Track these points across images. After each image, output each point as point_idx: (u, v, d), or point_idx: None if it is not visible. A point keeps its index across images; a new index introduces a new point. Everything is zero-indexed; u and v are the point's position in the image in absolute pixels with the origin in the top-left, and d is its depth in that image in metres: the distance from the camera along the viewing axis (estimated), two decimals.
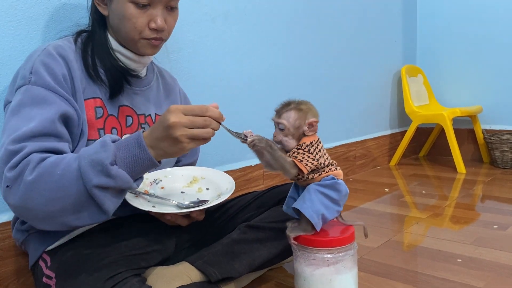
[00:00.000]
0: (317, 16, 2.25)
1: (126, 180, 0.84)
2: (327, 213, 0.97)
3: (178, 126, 0.83)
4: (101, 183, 0.81)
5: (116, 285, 0.85)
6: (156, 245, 1.05)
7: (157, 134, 0.86)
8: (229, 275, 1.04)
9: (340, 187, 0.98)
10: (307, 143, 0.98)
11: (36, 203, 0.81)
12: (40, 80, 0.92)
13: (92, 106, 1.01)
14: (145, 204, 1.01)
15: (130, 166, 0.84)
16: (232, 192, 1.05)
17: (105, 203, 0.83)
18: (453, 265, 1.25)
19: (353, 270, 0.99)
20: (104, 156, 0.81)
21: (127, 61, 1.08)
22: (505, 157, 2.57)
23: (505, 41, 2.73)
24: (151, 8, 1.01)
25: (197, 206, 1.02)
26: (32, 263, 1.02)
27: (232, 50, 1.81)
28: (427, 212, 1.79)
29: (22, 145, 0.84)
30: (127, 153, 0.84)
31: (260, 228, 1.11)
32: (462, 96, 2.93)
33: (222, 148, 1.79)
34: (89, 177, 0.81)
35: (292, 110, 0.98)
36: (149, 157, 0.85)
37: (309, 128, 0.98)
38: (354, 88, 2.55)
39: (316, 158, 0.97)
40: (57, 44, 1.00)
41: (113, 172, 0.81)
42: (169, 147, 0.86)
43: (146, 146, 0.85)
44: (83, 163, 0.81)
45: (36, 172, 0.81)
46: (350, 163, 2.54)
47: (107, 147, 0.83)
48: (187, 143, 0.85)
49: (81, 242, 0.99)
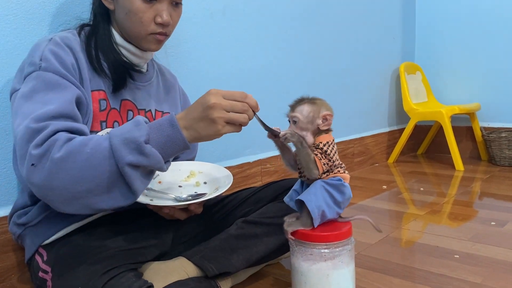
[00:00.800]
0: (316, 13, 2.24)
1: (158, 159, 0.83)
2: (328, 211, 0.97)
3: (217, 107, 0.84)
4: (135, 161, 0.80)
5: (112, 279, 0.84)
6: (153, 240, 1.05)
7: (194, 114, 0.86)
8: (226, 270, 1.04)
9: (345, 190, 0.98)
10: (323, 142, 0.97)
11: (63, 182, 0.79)
12: (51, 66, 0.91)
13: (96, 98, 1.01)
14: (143, 197, 1.01)
15: (163, 146, 0.84)
16: (230, 185, 1.05)
17: (135, 183, 0.82)
18: (451, 261, 1.25)
19: (350, 265, 0.99)
20: (138, 135, 0.81)
21: (131, 56, 1.08)
22: (503, 155, 2.57)
23: (503, 39, 2.73)
24: (157, 3, 1.01)
25: (195, 199, 1.01)
26: (28, 258, 1.02)
27: (230, 45, 1.80)
28: (425, 209, 1.79)
29: (46, 123, 0.82)
30: (161, 133, 0.84)
31: (257, 224, 1.11)
32: (460, 93, 2.94)
33: (220, 145, 1.78)
34: (122, 155, 0.79)
35: (305, 103, 0.98)
36: (182, 138, 0.84)
37: (323, 122, 0.97)
38: (352, 85, 2.55)
39: (332, 160, 0.97)
40: (63, 35, 1.00)
41: (147, 150, 0.81)
42: (205, 129, 0.85)
43: (179, 127, 0.85)
44: (115, 141, 0.80)
45: (64, 150, 0.79)
46: (349, 160, 2.53)
47: (140, 126, 0.82)
48: (223, 126, 0.85)
49: (78, 236, 0.98)
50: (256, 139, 1.91)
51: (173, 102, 1.24)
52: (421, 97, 2.89)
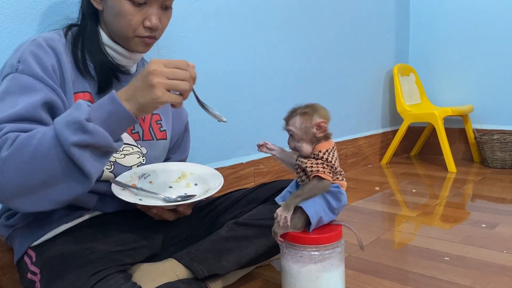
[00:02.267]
0: (310, 14, 2.25)
1: (104, 136, 0.80)
2: (324, 217, 0.98)
3: (157, 73, 0.82)
4: (79, 140, 0.77)
5: (100, 281, 0.84)
6: (143, 241, 1.04)
7: (134, 84, 0.84)
8: (216, 272, 1.03)
9: (341, 197, 0.99)
10: (323, 151, 0.97)
11: (16, 179, 0.78)
12: (28, 69, 0.90)
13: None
14: (132, 197, 1.00)
15: (106, 122, 0.81)
16: (220, 187, 1.05)
17: (85, 164, 0.79)
18: (441, 263, 1.26)
19: (340, 267, 0.99)
20: (78, 114, 0.78)
21: (118, 57, 1.07)
22: (495, 157, 2.58)
23: (497, 42, 2.74)
24: (147, 7, 1.00)
25: (184, 200, 1.01)
26: (17, 259, 1.01)
27: (224, 46, 1.80)
28: (417, 210, 1.80)
29: (2, 126, 0.82)
30: (101, 110, 0.82)
31: (248, 225, 1.11)
32: (453, 95, 2.95)
33: (212, 145, 1.78)
34: (65, 138, 0.77)
35: (297, 115, 0.99)
36: (124, 109, 0.81)
37: (318, 130, 0.97)
38: (346, 86, 2.55)
39: (335, 167, 0.98)
40: (47, 36, 0.99)
41: (89, 127, 0.78)
42: (144, 96, 0.82)
43: (120, 100, 0.82)
44: (58, 127, 0.78)
45: (12, 147, 0.78)
46: (342, 161, 2.54)
47: (80, 107, 0.80)
48: (162, 93, 0.82)
49: (67, 238, 0.98)
50: (249, 139, 1.91)
51: None
52: (414, 98, 2.90)
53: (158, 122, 1.18)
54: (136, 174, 1.09)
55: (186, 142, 1.33)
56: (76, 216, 1.02)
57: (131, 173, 1.08)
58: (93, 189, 1.02)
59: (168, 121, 1.23)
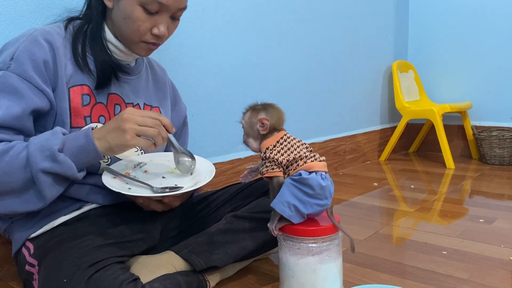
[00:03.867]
0: (309, 9, 2.24)
1: (71, 167, 0.88)
2: (302, 206, 0.95)
3: (130, 120, 0.90)
4: (47, 167, 0.85)
5: (98, 271, 0.84)
6: (141, 234, 1.04)
7: (108, 126, 0.92)
8: (214, 264, 1.04)
9: (309, 181, 0.94)
10: (263, 150, 0.99)
11: None
12: (19, 68, 0.91)
13: (78, 93, 1.00)
14: (123, 185, 1.00)
15: (76, 155, 0.89)
16: (211, 179, 1.05)
17: (45, 189, 0.87)
18: (438, 257, 1.26)
19: (338, 260, 1.00)
20: (53, 143, 0.87)
21: (119, 53, 1.08)
22: (493, 153, 2.59)
23: (495, 38, 2.75)
24: (157, 15, 1.01)
25: (172, 191, 1.01)
26: (15, 251, 1.01)
27: (222, 41, 1.80)
28: (415, 206, 1.80)
29: None
30: (74, 143, 0.90)
31: (246, 218, 1.11)
32: (452, 92, 2.95)
33: (211, 140, 1.78)
34: (36, 161, 0.85)
35: (248, 111, 1.04)
36: (94, 147, 0.90)
37: (260, 127, 1.00)
38: (345, 82, 2.55)
39: (279, 161, 0.97)
40: (45, 30, 0.98)
41: (59, 158, 0.86)
42: (115, 138, 0.91)
43: (93, 138, 0.90)
44: (32, 149, 0.86)
45: None
46: (340, 158, 2.54)
47: (57, 135, 0.89)
48: (132, 137, 0.90)
49: (65, 229, 0.98)
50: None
51: (163, 96, 1.24)
52: (413, 95, 2.90)
53: None
54: (132, 163, 1.10)
55: (185, 136, 1.33)
56: (74, 208, 1.02)
57: (127, 161, 1.09)
58: (91, 182, 1.02)
59: (167, 115, 1.23)
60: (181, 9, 1.05)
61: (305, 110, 2.27)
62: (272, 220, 0.99)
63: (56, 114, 0.97)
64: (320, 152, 2.36)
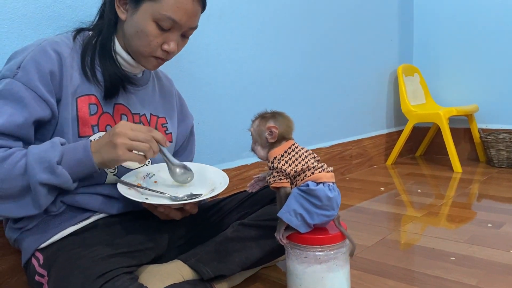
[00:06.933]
0: (314, 15, 2.25)
1: (67, 179, 0.91)
2: (309, 217, 0.94)
3: (122, 134, 0.91)
4: (45, 179, 0.87)
5: (107, 282, 0.84)
6: (149, 243, 1.05)
7: (102, 140, 0.94)
8: (222, 273, 1.04)
9: (316, 192, 0.94)
10: (271, 159, 0.99)
11: None
12: (25, 77, 0.93)
13: (86, 103, 1.02)
14: (138, 196, 1.01)
15: (73, 167, 0.91)
16: (226, 186, 1.06)
17: (41, 199, 0.89)
18: (447, 263, 1.26)
19: (345, 267, 1.00)
20: (52, 155, 0.88)
21: (126, 65, 1.09)
22: (501, 156, 2.57)
23: (501, 41, 2.74)
24: (169, 32, 1.03)
25: (191, 199, 1.02)
26: (25, 261, 1.02)
27: (226, 48, 1.81)
28: (422, 211, 1.79)
29: None
30: (73, 155, 0.91)
31: (253, 226, 1.11)
32: (458, 95, 2.94)
33: (217, 147, 1.79)
34: (34, 172, 0.87)
35: (257, 119, 1.04)
36: (91, 160, 0.92)
37: (269, 135, 1.00)
38: (350, 87, 2.55)
39: (287, 172, 0.97)
40: (53, 40, 1.00)
41: (58, 170, 0.88)
42: (107, 153, 0.92)
43: (91, 152, 0.92)
44: (31, 159, 0.87)
45: None
46: (347, 162, 2.54)
47: (56, 147, 0.90)
48: (123, 152, 0.91)
49: (74, 240, 0.98)
50: None
51: (169, 106, 1.25)
52: (419, 99, 2.90)
53: (164, 125, 1.19)
54: (140, 174, 1.10)
55: (192, 145, 1.34)
56: (82, 218, 1.03)
57: (135, 173, 1.09)
58: (99, 191, 1.03)
59: (173, 124, 1.24)
60: (192, 28, 1.07)
61: (311, 115, 2.27)
62: (279, 230, 0.99)
63: (57, 124, 0.98)
64: (327, 157, 2.36)
